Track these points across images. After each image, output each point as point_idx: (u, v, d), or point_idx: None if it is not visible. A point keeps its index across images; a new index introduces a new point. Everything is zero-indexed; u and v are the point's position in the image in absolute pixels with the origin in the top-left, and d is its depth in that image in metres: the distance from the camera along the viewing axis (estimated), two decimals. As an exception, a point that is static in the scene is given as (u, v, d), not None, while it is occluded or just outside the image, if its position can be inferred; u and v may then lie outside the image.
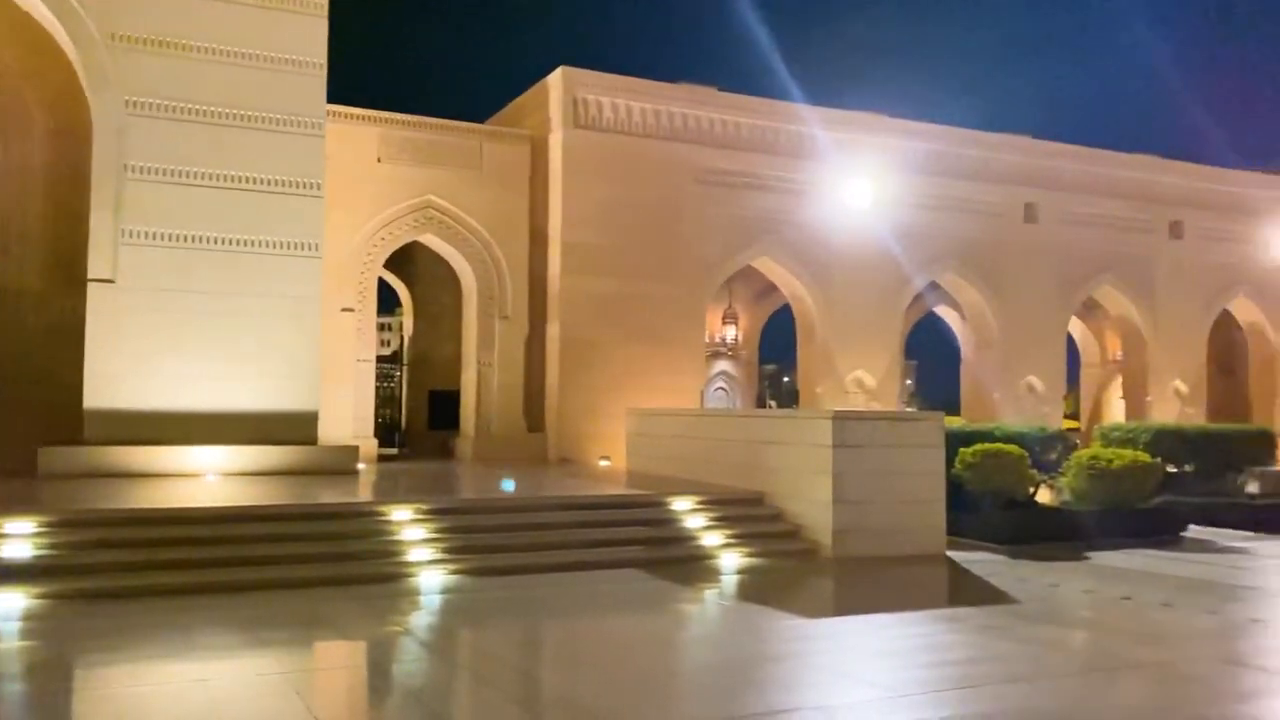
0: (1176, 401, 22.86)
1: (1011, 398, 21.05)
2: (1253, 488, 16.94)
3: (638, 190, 18.27)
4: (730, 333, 27.31)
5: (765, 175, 19.16)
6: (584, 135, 18.03)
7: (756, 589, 9.49)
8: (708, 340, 23.59)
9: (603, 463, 17.06)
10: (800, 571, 10.45)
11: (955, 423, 14.52)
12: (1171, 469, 15.61)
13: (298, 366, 14.93)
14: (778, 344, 30.30)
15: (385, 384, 20.67)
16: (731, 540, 11.06)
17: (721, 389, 27.51)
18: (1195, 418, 22.28)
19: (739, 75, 41.09)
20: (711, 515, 11.60)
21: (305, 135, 15.00)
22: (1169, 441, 15.98)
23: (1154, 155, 23.55)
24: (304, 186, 14.99)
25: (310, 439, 14.93)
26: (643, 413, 16.31)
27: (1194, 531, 13.51)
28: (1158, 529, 13.14)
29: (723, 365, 27.47)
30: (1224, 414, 24.94)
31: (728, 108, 18.99)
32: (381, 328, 26.63)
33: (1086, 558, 11.37)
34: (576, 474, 15.38)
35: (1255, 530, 13.81)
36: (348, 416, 16.98)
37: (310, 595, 8.39)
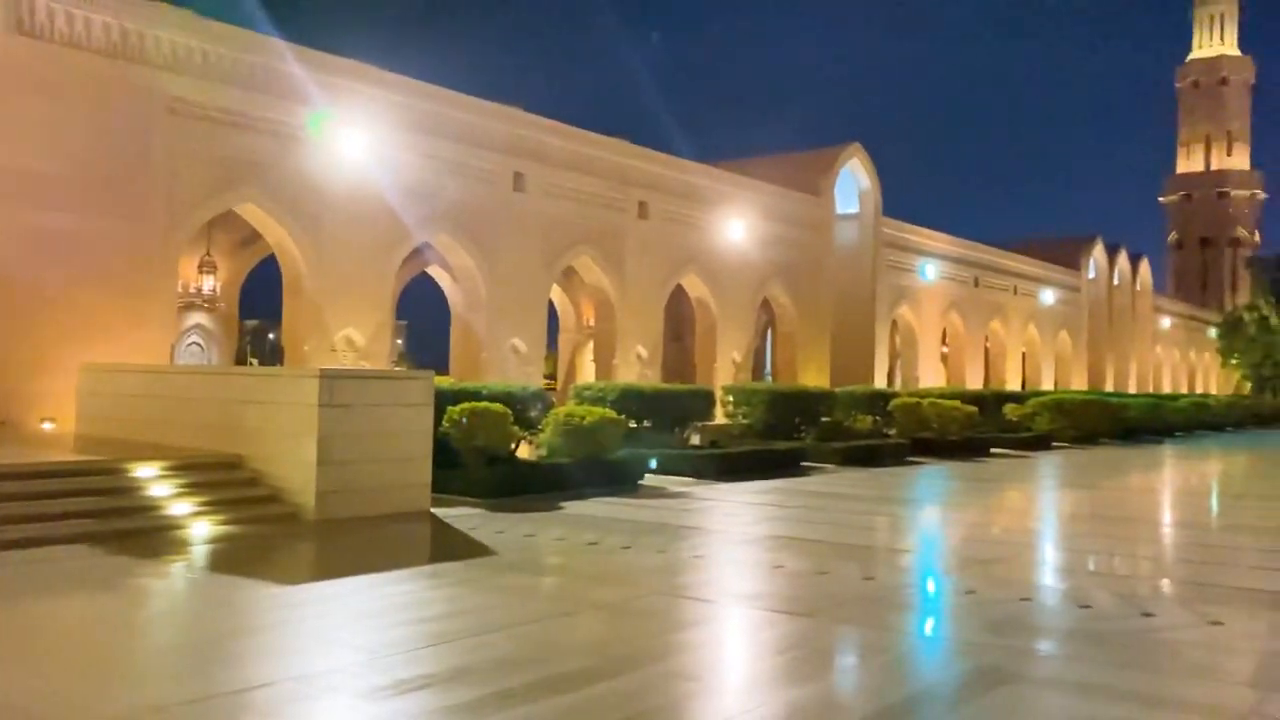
0: (638, 364, 25.40)
1: (498, 358, 21.93)
2: (695, 439, 19.40)
3: (97, 115, 16.04)
4: (208, 283, 25.22)
5: (253, 115, 17.84)
6: (29, 44, 15.42)
7: (230, 558, 8.86)
8: (181, 290, 21.57)
9: (46, 425, 14.87)
10: (281, 537, 9.97)
11: (445, 382, 14.76)
12: (634, 424, 17.31)
13: None
14: (261, 298, 28.68)
15: None
16: (203, 508, 10.24)
17: (196, 344, 25.36)
18: (653, 379, 24.94)
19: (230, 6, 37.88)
20: (180, 482, 10.63)
21: None
22: (632, 400, 17.70)
23: (626, 141, 25.83)
24: None
25: None
26: (99, 369, 14.47)
27: (649, 479, 15.13)
28: (622, 479, 14.53)
29: (198, 318, 25.32)
30: (675, 376, 28.30)
31: (209, 36, 17.35)
32: None
33: (561, 508, 12.21)
34: (9, 439, 13.24)
35: (696, 477, 15.82)
36: None
37: None
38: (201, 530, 9.82)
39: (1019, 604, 7.58)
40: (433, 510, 11.64)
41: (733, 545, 10.25)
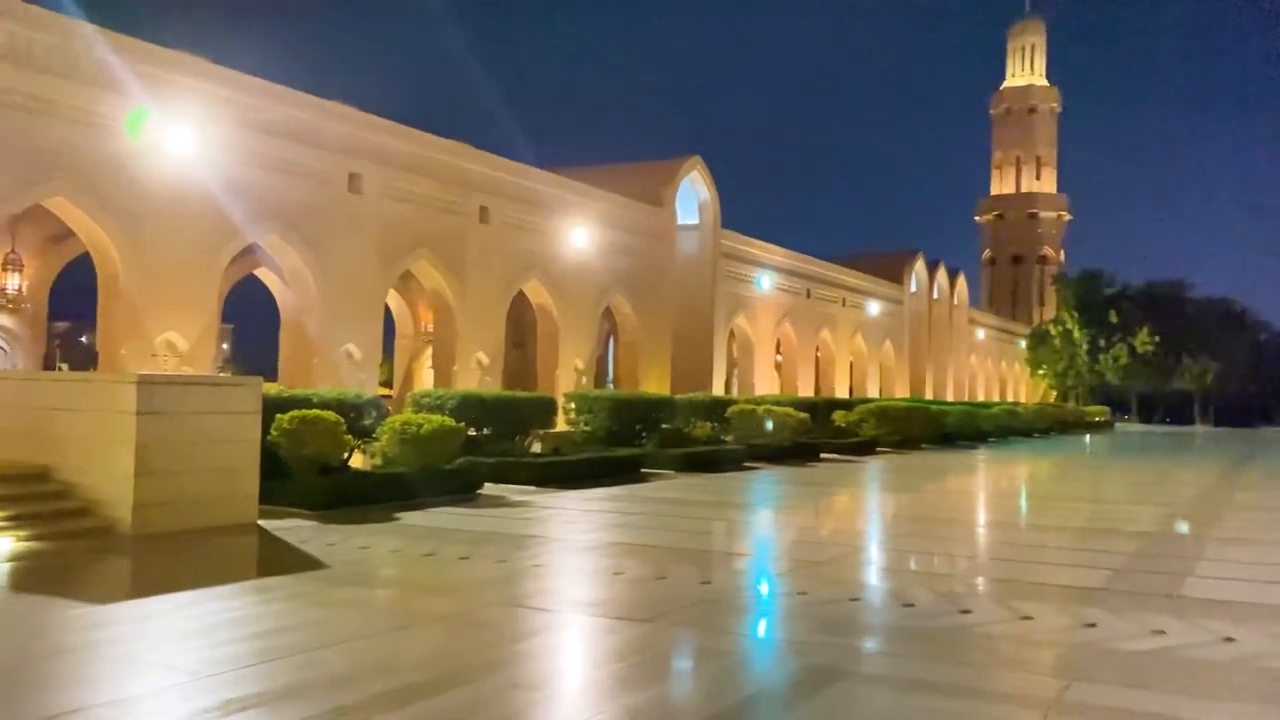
0: (479, 371, 25.10)
1: (330, 365, 21.24)
2: (536, 447, 19.32)
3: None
4: (13, 282, 23.46)
5: (65, 103, 16.72)
6: None
7: (35, 576, 8.25)
8: (-19, 289, 19.98)
9: None
10: (94, 553, 9.35)
11: (273, 389, 14.21)
12: (473, 432, 17.09)
13: None
14: (73, 299, 26.92)
15: None
16: (4, 523, 9.49)
17: (-1, 347, 23.54)
18: (493, 386, 24.70)
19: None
20: (-22, 495, 9.83)
21: None
22: (471, 407, 17.47)
23: (468, 144, 25.52)
24: None
25: None
26: (-116, 373, 13.25)
27: (489, 488, 14.96)
28: (460, 488, 14.30)
29: (1, 320, 23.52)
30: (517, 383, 28.10)
31: (24, 21, 16.17)
32: None
33: (397, 518, 11.91)
34: None
35: (538, 485, 15.75)
36: None
37: None
38: (2, 547, 9.11)
39: (848, 604, 7.87)
40: (260, 523, 11.16)
41: (573, 553, 10.25)
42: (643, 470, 18.64)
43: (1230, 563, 10.57)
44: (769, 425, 24.39)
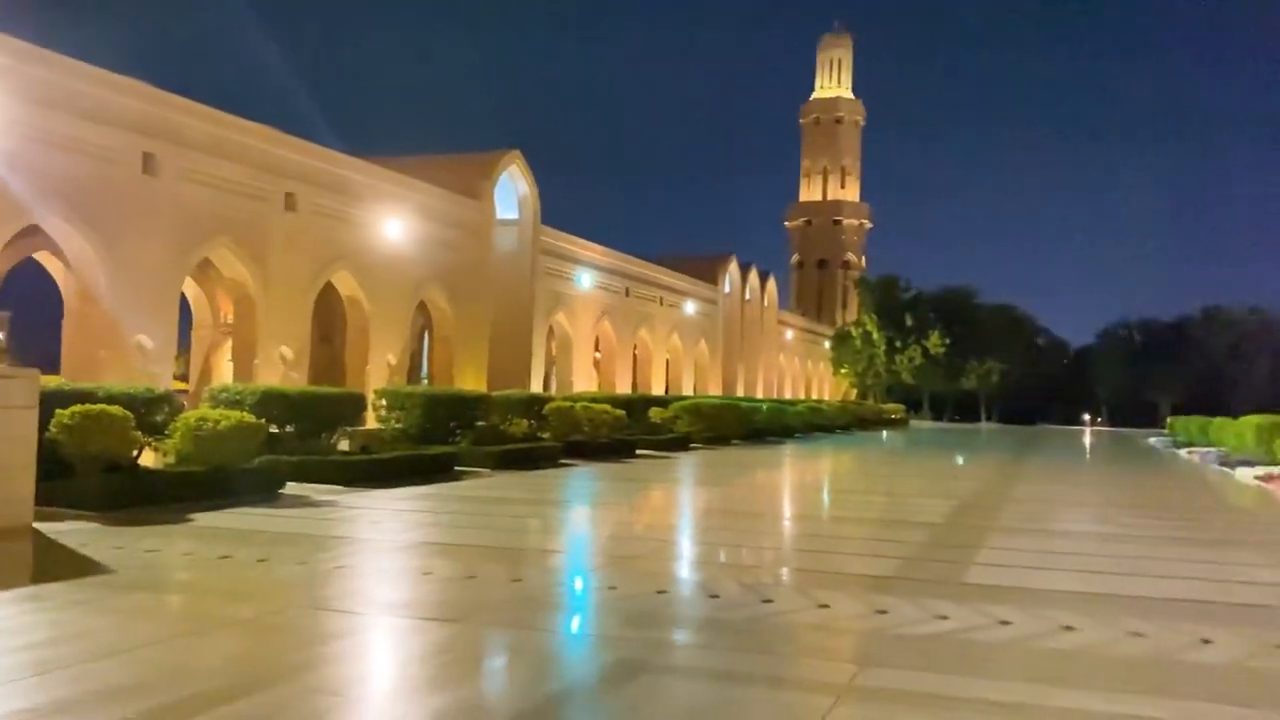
0: (282, 366, 24.09)
1: (120, 357, 19.90)
2: (344, 445, 18.72)
3: None
4: None
5: None
6: None
7: None
8: None
9: None
10: None
11: (54, 382, 13.17)
12: (275, 429, 16.38)
13: None
14: None
15: None
16: None
17: None
18: (299, 381, 23.76)
19: None
20: None
21: None
22: (274, 403, 16.73)
23: (273, 127, 24.42)
24: None
25: None
26: None
27: (292, 488, 14.37)
28: (261, 487, 13.67)
29: None
30: (324, 378, 27.14)
31: None
32: None
33: (190, 519, 11.27)
34: None
35: (345, 484, 15.25)
36: None
37: None
38: None
39: (656, 597, 7.99)
40: (37, 525, 10.33)
41: (380, 553, 9.98)
42: (456, 468, 18.37)
43: (1008, 550, 11.37)
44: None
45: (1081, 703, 5.40)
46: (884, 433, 55.87)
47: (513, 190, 35.52)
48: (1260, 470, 23.63)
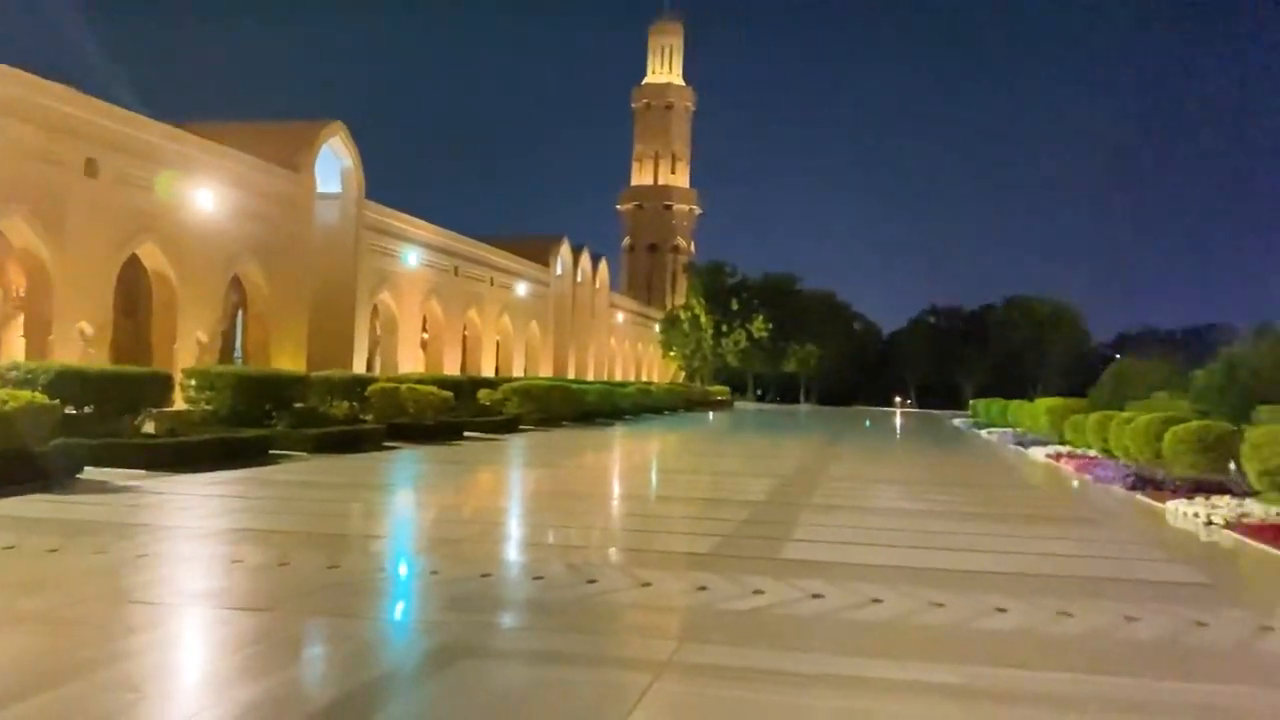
0: (81, 343, 22.50)
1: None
2: (150, 427, 17.67)
3: None
4: None
5: None
6: None
7: None
8: None
9: None
10: None
11: None
12: (72, 410, 15.30)
13: None
14: None
15: None
16: None
17: None
18: (99, 359, 22.24)
19: None
20: None
21: None
22: (70, 382, 15.63)
23: (72, 87, 22.68)
24: None
25: None
26: None
27: (92, 473, 13.46)
28: (54, 473, 12.73)
29: None
30: (128, 357, 25.47)
31: None
32: None
33: (-30, 509, 10.39)
34: None
35: (149, 469, 14.40)
36: None
37: None
38: None
39: (480, 580, 7.91)
40: None
41: (186, 541, 9.48)
42: (272, 452, 17.64)
43: (823, 527, 11.83)
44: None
45: (884, 671, 5.67)
46: (710, 414, 57.19)
47: (335, 163, 34.26)
48: (1051, 450, 25.49)
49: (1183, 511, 12.93)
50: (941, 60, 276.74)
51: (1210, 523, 11.96)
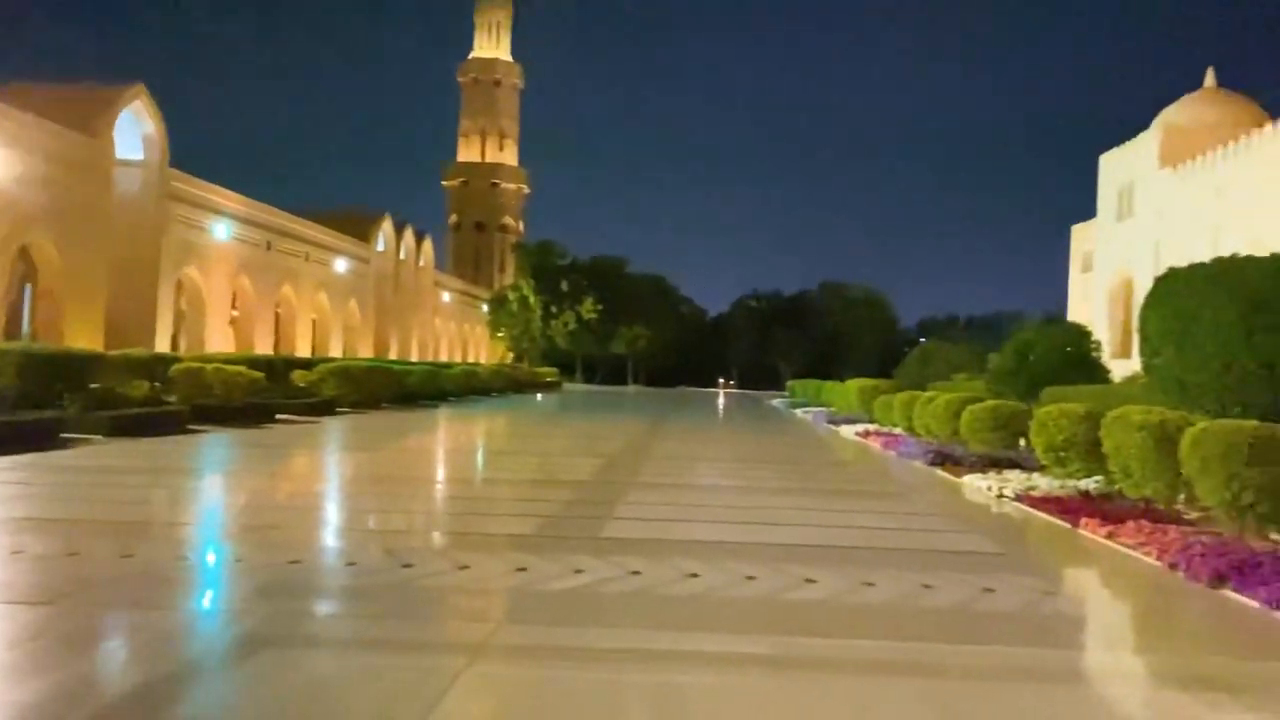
0: None
1: None
2: (-81, 410, 16.12)
3: None
4: None
5: None
6: None
7: None
8: None
9: None
10: None
11: None
12: None
13: None
14: None
15: None
16: None
17: None
18: None
19: None
20: None
21: None
22: None
23: None
24: None
25: None
26: None
27: None
28: None
29: None
30: (-106, 333, 23.16)
31: None
32: None
33: None
34: None
35: (-83, 454, 13.14)
36: None
37: None
38: None
39: (289, 567, 7.59)
40: None
41: (-41, 532, 8.69)
42: (63, 435, 16.42)
43: (645, 505, 11.97)
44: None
45: (698, 645, 5.78)
46: (539, 395, 57.03)
47: (137, 128, 32.14)
48: (861, 428, 26.70)
49: (977, 485, 13.78)
50: (766, 45, 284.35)
51: (1001, 495, 12.79)
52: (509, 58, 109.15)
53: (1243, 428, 9.35)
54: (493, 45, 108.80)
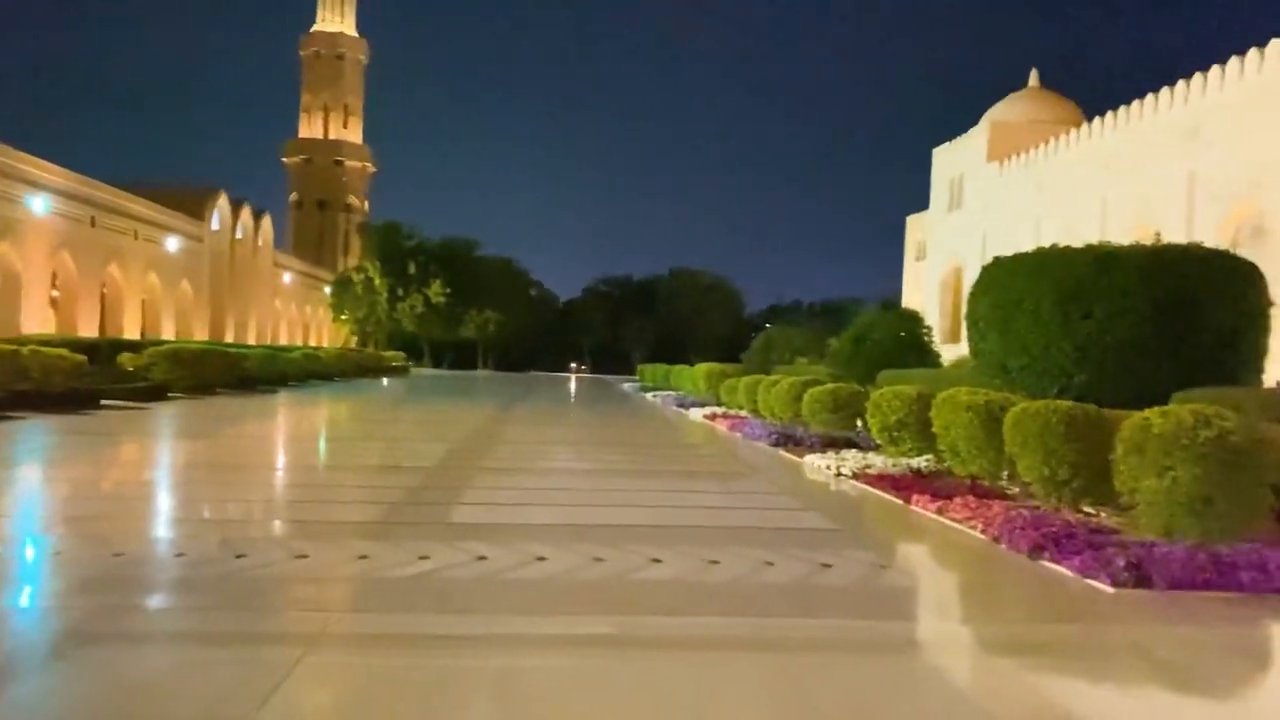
0: None
1: None
2: None
3: None
4: None
5: None
6: None
7: None
8: None
9: None
10: None
11: None
12: None
13: None
14: None
15: None
16: None
17: None
18: None
19: None
20: None
21: None
22: None
23: None
24: None
25: None
26: None
27: None
28: None
29: None
30: None
31: None
32: None
33: None
34: None
35: None
36: None
37: None
38: None
39: (113, 560, 7.19)
40: None
41: None
42: None
43: (493, 490, 11.88)
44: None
45: (545, 628, 5.77)
46: (385, 380, 55.71)
47: (-60, 92, 29.66)
48: (708, 410, 27.20)
49: (817, 464, 14.24)
50: (622, 31, 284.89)
51: (839, 474, 13.26)
52: (354, 32, 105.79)
53: (1059, 408, 9.97)
54: (336, 19, 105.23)
